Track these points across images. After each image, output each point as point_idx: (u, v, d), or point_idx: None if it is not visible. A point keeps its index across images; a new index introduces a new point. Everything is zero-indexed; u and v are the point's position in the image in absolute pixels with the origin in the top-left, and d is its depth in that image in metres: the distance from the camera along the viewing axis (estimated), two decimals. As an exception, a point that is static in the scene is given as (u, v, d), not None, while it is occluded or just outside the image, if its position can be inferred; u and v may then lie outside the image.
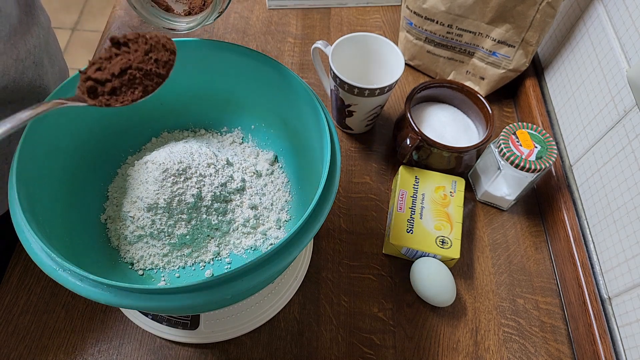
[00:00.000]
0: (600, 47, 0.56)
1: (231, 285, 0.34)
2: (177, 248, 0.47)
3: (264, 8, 0.82)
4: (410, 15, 0.68)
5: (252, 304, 0.50)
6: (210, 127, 0.56)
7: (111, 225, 0.49)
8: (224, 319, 0.49)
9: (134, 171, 0.49)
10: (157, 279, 0.47)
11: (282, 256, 0.36)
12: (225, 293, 0.34)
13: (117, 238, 0.48)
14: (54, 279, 0.34)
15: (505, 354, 0.52)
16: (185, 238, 0.47)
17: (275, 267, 0.35)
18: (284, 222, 0.50)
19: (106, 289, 0.34)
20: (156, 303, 0.34)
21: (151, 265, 0.47)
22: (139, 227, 0.46)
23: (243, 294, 0.42)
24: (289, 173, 0.54)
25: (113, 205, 0.50)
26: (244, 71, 0.50)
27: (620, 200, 0.50)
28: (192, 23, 0.42)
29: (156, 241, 0.46)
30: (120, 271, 0.47)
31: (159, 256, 0.47)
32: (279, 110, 0.51)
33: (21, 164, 0.39)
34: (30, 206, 0.38)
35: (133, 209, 0.46)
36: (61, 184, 0.45)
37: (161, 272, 0.47)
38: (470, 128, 0.62)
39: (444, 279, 0.52)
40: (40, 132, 0.41)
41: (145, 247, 0.47)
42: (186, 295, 0.34)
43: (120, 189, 0.50)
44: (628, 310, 0.47)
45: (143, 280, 0.47)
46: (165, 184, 0.45)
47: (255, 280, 0.35)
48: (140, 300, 0.34)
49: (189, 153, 0.48)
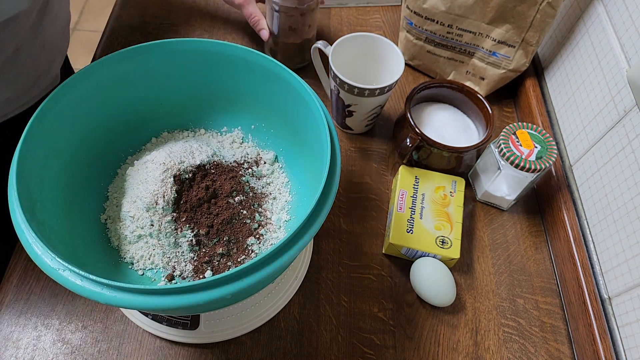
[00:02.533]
0: (600, 47, 0.56)
1: (232, 285, 0.34)
2: (177, 248, 0.47)
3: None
4: (411, 15, 0.68)
5: (252, 304, 0.50)
6: (210, 127, 0.56)
7: (111, 225, 0.49)
8: (224, 319, 0.49)
9: (134, 171, 0.49)
10: (157, 279, 0.47)
11: (283, 256, 0.36)
12: (225, 293, 0.34)
13: (117, 238, 0.48)
14: (54, 279, 0.34)
15: (505, 354, 0.52)
16: (186, 238, 0.47)
17: (276, 266, 0.35)
18: (284, 222, 0.50)
19: (107, 289, 0.34)
20: (157, 303, 0.34)
21: (151, 265, 0.47)
22: (138, 227, 0.46)
23: (243, 294, 0.42)
24: (289, 173, 0.54)
25: (113, 205, 0.50)
26: (244, 71, 0.50)
27: (620, 200, 0.50)
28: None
29: (156, 241, 0.46)
30: (121, 271, 0.47)
31: (159, 256, 0.47)
32: (279, 110, 0.51)
33: (21, 164, 0.39)
34: (31, 206, 0.38)
35: (133, 208, 0.46)
36: (61, 184, 0.45)
37: (161, 271, 0.47)
38: (470, 128, 0.62)
39: (444, 279, 0.52)
40: (40, 131, 0.41)
41: (145, 246, 0.47)
42: (187, 295, 0.34)
43: (120, 189, 0.50)
44: (628, 310, 0.47)
45: (143, 280, 0.47)
46: (166, 184, 0.45)
47: (256, 280, 0.35)
48: (141, 301, 0.34)
49: (189, 152, 0.48)
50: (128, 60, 0.47)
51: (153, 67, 0.49)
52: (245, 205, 0.49)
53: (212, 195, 0.48)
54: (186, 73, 0.51)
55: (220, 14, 0.81)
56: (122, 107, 0.51)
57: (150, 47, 0.47)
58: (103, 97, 0.48)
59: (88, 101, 0.47)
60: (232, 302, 0.46)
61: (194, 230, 0.47)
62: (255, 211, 0.50)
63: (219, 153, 0.51)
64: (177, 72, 0.51)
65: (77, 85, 0.45)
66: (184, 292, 0.34)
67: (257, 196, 0.51)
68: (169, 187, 0.46)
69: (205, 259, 0.47)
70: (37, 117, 0.41)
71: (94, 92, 0.47)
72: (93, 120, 0.48)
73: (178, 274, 0.47)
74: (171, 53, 0.49)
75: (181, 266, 0.47)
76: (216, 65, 0.50)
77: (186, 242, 0.47)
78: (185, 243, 0.47)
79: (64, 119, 0.44)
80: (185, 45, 0.48)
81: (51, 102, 0.42)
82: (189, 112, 0.55)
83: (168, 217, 0.46)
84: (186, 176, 0.47)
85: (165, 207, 0.45)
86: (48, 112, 0.42)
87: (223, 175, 0.49)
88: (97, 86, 0.47)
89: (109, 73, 0.47)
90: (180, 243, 0.47)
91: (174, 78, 0.51)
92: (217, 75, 0.51)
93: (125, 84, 0.49)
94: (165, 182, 0.46)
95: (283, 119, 0.52)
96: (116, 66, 0.47)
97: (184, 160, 0.47)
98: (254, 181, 0.52)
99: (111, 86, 0.48)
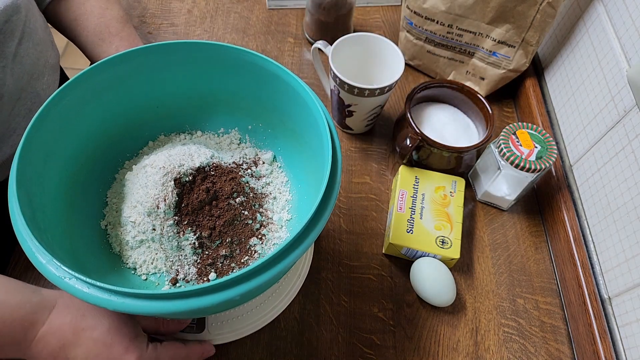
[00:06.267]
0: (600, 47, 0.56)
1: (239, 287, 0.34)
2: (180, 251, 0.47)
3: (264, 8, 0.82)
4: (411, 15, 0.68)
5: (257, 304, 0.50)
6: (207, 128, 0.56)
7: (112, 231, 0.48)
8: (230, 321, 0.49)
9: (133, 175, 0.48)
10: (161, 283, 0.47)
11: (289, 257, 0.36)
12: (234, 295, 0.34)
13: (119, 244, 0.48)
14: (62, 288, 0.34)
15: (505, 354, 0.52)
16: (188, 241, 0.47)
17: (282, 267, 0.35)
18: (285, 221, 0.50)
19: (114, 296, 0.33)
20: (165, 307, 0.33)
21: (154, 270, 0.47)
22: (140, 232, 0.46)
23: (251, 295, 0.42)
24: (288, 172, 0.54)
25: (112, 211, 0.49)
26: (240, 72, 0.50)
27: (620, 200, 0.50)
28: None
29: (158, 245, 0.46)
30: (124, 276, 0.46)
31: (162, 260, 0.46)
32: (277, 110, 0.51)
33: (21, 171, 0.38)
34: (32, 214, 0.38)
35: (134, 213, 0.46)
36: (61, 191, 0.44)
37: (165, 276, 0.47)
38: (470, 128, 0.62)
39: (444, 279, 0.52)
40: (38, 137, 0.41)
41: (148, 251, 0.47)
42: (194, 299, 0.34)
43: (119, 194, 0.50)
44: (628, 310, 0.47)
45: (147, 284, 0.46)
46: (166, 187, 0.45)
47: (262, 281, 0.35)
48: (149, 306, 0.33)
49: (188, 155, 0.48)
50: (125, 63, 0.47)
51: (149, 70, 0.49)
52: (246, 206, 0.49)
53: (212, 197, 0.48)
54: (182, 75, 0.50)
55: (220, 14, 0.81)
56: (119, 110, 0.50)
57: (146, 50, 0.47)
58: (100, 101, 0.48)
59: (85, 105, 0.46)
60: (239, 304, 0.46)
61: (197, 233, 0.47)
62: (257, 211, 0.50)
63: (218, 155, 0.51)
64: (173, 74, 0.51)
65: (74, 89, 0.44)
66: (192, 296, 0.34)
67: (257, 196, 0.51)
68: (169, 191, 0.45)
69: (209, 262, 0.47)
70: (36, 122, 0.40)
71: (91, 96, 0.46)
72: (91, 124, 0.48)
73: (182, 278, 0.47)
74: (167, 55, 0.48)
75: (185, 269, 0.47)
76: (212, 67, 0.50)
77: (189, 245, 0.46)
78: (188, 246, 0.46)
79: (61, 123, 0.44)
80: (181, 47, 0.48)
81: (49, 107, 0.42)
82: (185, 115, 0.55)
83: (170, 221, 0.46)
84: (186, 179, 0.47)
85: (167, 211, 0.45)
86: (46, 116, 0.42)
87: (223, 177, 0.49)
88: (94, 90, 0.46)
89: (106, 77, 0.46)
90: (183, 246, 0.47)
91: (170, 80, 0.51)
92: (213, 77, 0.51)
93: (122, 88, 0.49)
94: (166, 186, 0.45)
95: (280, 118, 0.52)
96: (113, 69, 0.46)
97: (183, 163, 0.47)
98: (253, 182, 0.52)
99: (108, 90, 0.47)
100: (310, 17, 0.73)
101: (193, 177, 0.47)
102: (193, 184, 0.47)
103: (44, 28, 0.59)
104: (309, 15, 0.73)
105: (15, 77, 0.53)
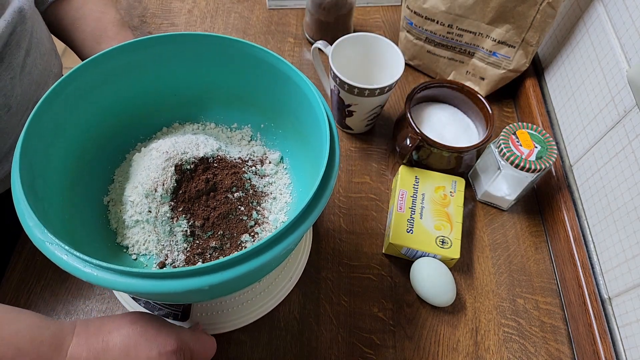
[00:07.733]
0: (600, 47, 0.56)
1: (208, 277, 0.34)
2: (172, 236, 0.47)
3: (264, 8, 0.82)
4: (411, 15, 0.68)
5: (245, 300, 0.50)
6: (221, 122, 0.57)
7: (113, 207, 0.49)
8: (216, 313, 0.50)
9: (140, 157, 0.50)
10: (149, 265, 0.47)
11: (267, 252, 0.35)
12: (203, 284, 0.33)
13: (117, 221, 0.49)
14: (41, 251, 0.35)
15: (505, 354, 0.52)
16: (181, 227, 0.47)
17: (259, 263, 0.35)
18: (280, 223, 0.50)
19: (89, 266, 0.34)
20: (130, 285, 0.33)
21: (145, 251, 0.47)
22: (137, 212, 0.47)
23: (223, 288, 0.41)
24: (292, 175, 0.54)
25: (117, 189, 0.50)
26: (257, 70, 0.50)
27: (620, 201, 0.50)
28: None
29: (152, 227, 0.47)
30: (115, 254, 0.47)
31: (154, 242, 0.47)
32: (288, 111, 0.51)
33: (27, 139, 0.39)
34: (31, 180, 0.38)
35: (134, 194, 0.47)
36: (68, 163, 0.45)
37: (154, 258, 0.47)
38: (470, 128, 0.62)
39: (444, 279, 0.52)
40: (51, 109, 0.42)
41: (141, 232, 0.47)
42: (191, 279, 0.33)
43: (126, 173, 0.51)
44: (628, 310, 0.47)
45: (135, 264, 0.47)
46: (166, 172, 0.46)
47: (237, 274, 0.34)
48: (119, 282, 0.33)
49: (194, 144, 0.49)
50: (143, 50, 0.48)
51: (167, 58, 0.50)
52: (243, 202, 0.49)
53: (211, 189, 0.48)
54: (201, 67, 0.51)
55: (221, 14, 0.81)
56: (135, 94, 0.51)
57: (166, 38, 0.48)
58: (116, 83, 0.48)
59: (101, 86, 0.47)
60: (216, 296, 0.46)
61: (190, 221, 0.47)
62: (254, 209, 0.50)
63: (225, 148, 0.51)
64: (192, 65, 0.51)
65: (91, 69, 0.45)
66: (182, 277, 0.33)
67: (257, 194, 0.51)
68: (169, 176, 0.46)
69: (198, 251, 0.47)
70: (49, 95, 0.41)
71: (108, 78, 0.47)
72: (105, 104, 0.49)
73: (170, 263, 0.47)
74: (186, 45, 0.49)
75: (174, 255, 0.47)
76: (231, 62, 0.50)
77: (181, 231, 0.47)
78: (180, 233, 0.47)
79: (76, 100, 0.45)
80: (203, 39, 0.48)
81: (65, 82, 0.43)
82: (201, 105, 0.56)
83: (165, 206, 0.46)
84: (188, 167, 0.47)
85: (164, 195, 0.46)
86: (61, 91, 0.43)
87: (225, 170, 0.49)
88: (112, 72, 0.47)
89: (124, 60, 0.47)
90: (175, 232, 0.47)
91: (188, 70, 0.52)
92: (231, 71, 0.51)
93: (138, 73, 0.49)
94: (166, 171, 0.46)
95: (291, 120, 0.52)
96: (131, 54, 0.47)
97: (187, 151, 0.48)
98: (256, 179, 0.52)
99: (125, 73, 0.48)
100: (310, 17, 0.73)
101: (195, 166, 0.48)
102: (194, 173, 0.48)
103: (48, 38, 0.60)
104: (309, 15, 0.73)
105: (24, 87, 0.54)
